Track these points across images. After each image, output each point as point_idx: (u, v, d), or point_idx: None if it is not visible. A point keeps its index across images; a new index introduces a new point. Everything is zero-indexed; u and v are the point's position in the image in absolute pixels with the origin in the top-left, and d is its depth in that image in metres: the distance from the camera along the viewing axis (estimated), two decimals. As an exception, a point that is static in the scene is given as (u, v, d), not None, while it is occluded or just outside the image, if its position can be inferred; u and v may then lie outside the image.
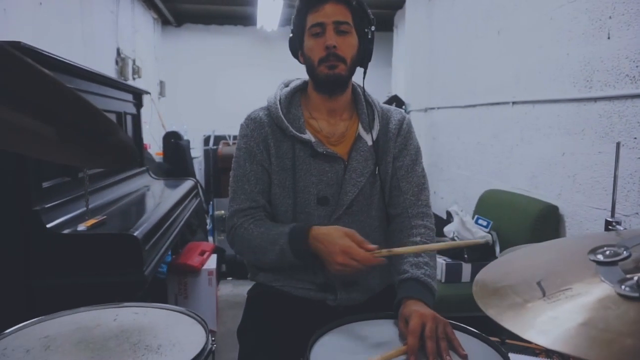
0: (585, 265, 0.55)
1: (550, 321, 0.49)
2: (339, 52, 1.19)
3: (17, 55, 0.56)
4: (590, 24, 2.13)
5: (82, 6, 3.38)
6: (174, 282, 2.72)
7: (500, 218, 2.57)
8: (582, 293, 0.51)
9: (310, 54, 1.23)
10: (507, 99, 2.88)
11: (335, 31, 1.19)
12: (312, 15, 1.21)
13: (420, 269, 1.16)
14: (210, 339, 1.01)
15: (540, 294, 0.53)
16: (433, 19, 4.33)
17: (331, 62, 1.20)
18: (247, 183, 1.26)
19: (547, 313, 0.51)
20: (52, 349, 0.97)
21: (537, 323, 0.50)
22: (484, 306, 0.56)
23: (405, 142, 1.32)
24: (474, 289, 0.65)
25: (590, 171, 2.13)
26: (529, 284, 0.56)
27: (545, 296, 0.53)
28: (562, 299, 0.51)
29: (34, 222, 1.49)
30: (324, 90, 1.26)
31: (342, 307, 1.27)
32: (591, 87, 2.13)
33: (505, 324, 0.51)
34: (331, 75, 1.21)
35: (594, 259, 0.55)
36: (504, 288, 0.58)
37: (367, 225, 1.29)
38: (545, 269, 0.62)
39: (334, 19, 1.19)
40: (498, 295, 0.57)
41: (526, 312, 0.52)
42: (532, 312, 0.52)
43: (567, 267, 0.59)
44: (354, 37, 1.22)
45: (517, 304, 0.54)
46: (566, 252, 0.68)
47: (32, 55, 1.50)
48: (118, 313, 1.15)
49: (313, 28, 1.20)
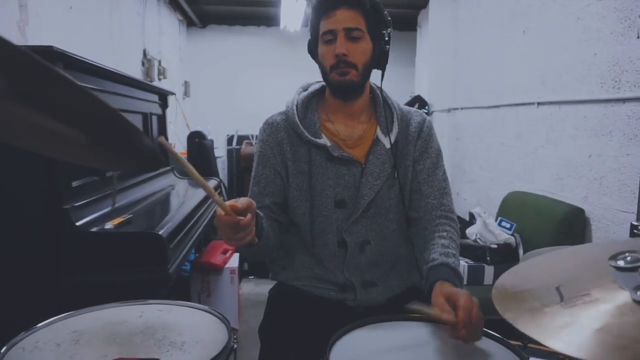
0: (605, 271, 0.55)
1: (566, 326, 0.49)
2: (349, 58, 1.19)
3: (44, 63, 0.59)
4: (619, 23, 2.08)
5: (111, 9, 3.46)
6: (197, 280, 2.77)
7: (524, 220, 2.54)
8: (600, 299, 0.51)
9: (323, 60, 1.24)
10: (532, 99, 2.83)
11: (346, 38, 1.19)
12: (324, 21, 1.21)
13: (449, 257, 1.16)
14: (232, 337, 1.03)
15: (558, 299, 0.53)
16: (458, 18, 4.29)
17: (342, 68, 1.20)
18: (257, 185, 1.29)
19: (563, 318, 0.51)
20: (81, 343, 1.01)
21: (553, 327, 0.50)
22: (502, 309, 0.56)
23: (426, 145, 1.31)
24: (494, 292, 0.66)
25: (617, 173, 2.08)
26: (548, 288, 0.56)
27: (563, 301, 0.53)
28: (579, 304, 0.51)
29: (64, 221, 1.54)
30: (338, 96, 1.27)
31: (362, 307, 1.28)
32: (619, 88, 2.08)
33: (522, 327, 0.51)
34: (342, 82, 1.21)
35: (614, 264, 0.55)
36: (522, 292, 0.58)
37: (385, 228, 1.29)
38: (566, 274, 0.62)
39: (345, 25, 1.18)
40: (517, 299, 0.58)
41: (543, 317, 0.52)
42: (549, 316, 0.52)
43: (587, 272, 0.59)
44: (366, 42, 1.21)
45: (534, 308, 0.54)
46: (588, 257, 0.68)
47: (63, 58, 1.55)
48: (143, 310, 1.18)
49: (325, 35, 1.21)
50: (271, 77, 6.40)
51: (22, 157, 1.54)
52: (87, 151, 0.78)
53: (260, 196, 1.28)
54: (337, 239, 1.27)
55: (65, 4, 2.70)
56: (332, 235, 1.27)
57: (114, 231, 1.61)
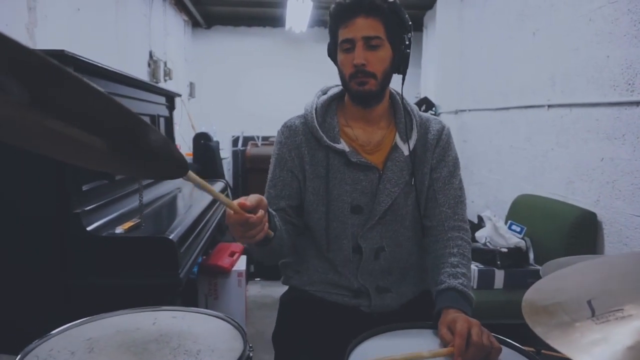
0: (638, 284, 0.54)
1: (597, 343, 0.48)
2: (368, 68, 1.17)
3: (64, 69, 0.57)
4: (632, 25, 2.06)
5: (117, 11, 3.46)
6: (205, 283, 2.75)
7: (535, 224, 2.51)
8: (634, 315, 0.50)
9: (342, 68, 1.22)
10: (542, 102, 2.81)
11: (365, 47, 1.16)
12: (343, 30, 1.19)
13: (457, 279, 1.15)
14: (247, 345, 1.02)
15: (589, 314, 0.52)
16: (464, 19, 4.27)
17: (360, 78, 1.18)
18: (273, 188, 1.28)
19: (594, 334, 0.49)
20: (95, 351, 0.99)
21: (583, 344, 0.49)
22: (532, 324, 0.55)
23: (443, 153, 1.30)
24: (523, 305, 0.64)
25: (631, 177, 2.06)
26: (580, 302, 0.55)
27: (595, 316, 0.51)
28: (611, 320, 0.50)
29: (74, 225, 1.53)
30: (358, 103, 1.26)
31: (376, 313, 1.27)
32: (633, 91, 2.06)
33: (552, 342, 0.50)
34: (361, 92, 1.20)
35: (651, 279, 0.53)
36: (553, 305, 0.57)
37: (401, 235, 1.28)
38: (598, 287, 0.60)
39: (364, 34, 1.16)
40: (547, 313, 0.56)
41: (574, 332, 0.51)
42: (580, 332, 0.50)
43: (620, 286, 0.58)
44: (385, 50, 1.19)
45: (565, 322, 0.53)
46: (621, 269, 0.66)
47: (74, 62, 1.54)
48: (156, 317, 1.16)
49: (343, 43, 1.19)
50: (276, 78, 6.39)
51: (33, 161, 1.53)
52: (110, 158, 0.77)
53: (277, 199, 1.27)
54: (352, 244, 1.26)
55: (72, 6, 2.69)
56: (347, 241, 1.26)
57: (125, 236, 1.60)
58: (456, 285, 1.13)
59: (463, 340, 0.95)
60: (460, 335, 0.96)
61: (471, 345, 0.95)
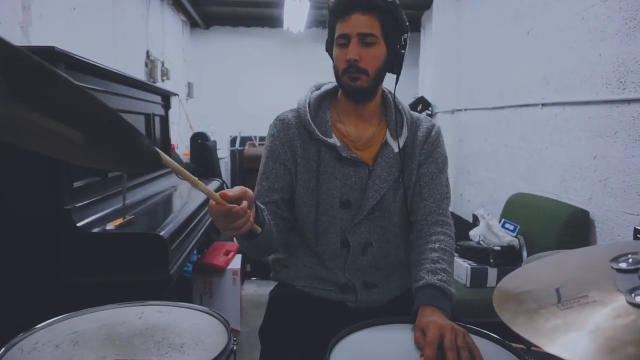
0: (606, 273, 0.54)
1: (559, 328, 0.48)
2: (361, 64, 1.18)
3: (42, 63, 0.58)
4: (624, 24, 2.07)
5: (114, 10, 3.47)
6: (199, 282, 2.76)
7: (528, 222, 2.52)
8: (598, 301, 0.50)
9: (336, 63, 1.23)
10: (537, 100, 2.82)
11: (360, 43, 1.17)
12: (339, 24, 1.20)
13: (436, 275, 1.14)
14: (232, 339, 1.02)
15: (555, 301, 0.52)
16: (461, 19, 4.28)
17: (352, 74, 1.19)
18: (266, 180, 1.28)
19: (557, 320, 0.50)
20: (80, 344, 1.00)
21: (546, 329, 0.49)
22: (500, 311, 0.55)
23: (432, 150, 1.31)
24: (495, 294, 0.65)
25: (622, 175, 2.06)
26: (548, 290, 0.56)
27: (560, 303, 0.52)
28: (575, 306, 0.50)
29: (65, 221, 1.53)
30: (350, 98, 1.27)
31: (363, 308, 1.27)
32: (624, 89, 2.06)
33: (516, 328, 0.51)
34: (352, 87, 1.21)
35: (615, 266, 0.54)
36: (522, 294, 0.58)
37: (389, 232, 1.29)
38: (567, 276, 0.61)
39: (359, 30, 1.17)
40: (516, 300, 0.57)
41: (538, 318, 0.51)
42: (544, 318, 0.51)
43: (588, 275, 0.58)
44: (379, 48, 1.20)
45: (531, 309, 0.53)
46: (591, 259, 0.67)
47: (65, 59, 1.55)
48: (143, 311, 1.17)
49: (339, 38, 1.20)
50: (275, 78, 6.41)
51: (23, 157, 1.54)
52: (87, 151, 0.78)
53: (270, 191, 1.27)
54: (340, 239, 1.27)
55: (68, 5, 2.70)
56: (335, 235, 1.27)
57: (115, 232, 1.60)
58: (434, 282, 1.13)
59: (433, 351, 0.92)
60: (430, 344, 0.94)
61: (446, 351, 0.92)
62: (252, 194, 0.98)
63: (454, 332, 0.97)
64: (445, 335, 0.96)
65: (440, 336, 0.96)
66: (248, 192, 0.97)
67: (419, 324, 1.04)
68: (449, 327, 0.98)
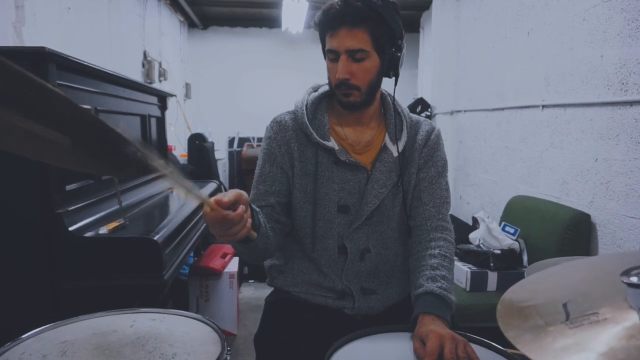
0: (616, 287, 0.51)
1: (568, 348, 0.45)
2: (352, 81, 1.15)
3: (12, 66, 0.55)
4: (626, 25, 2.04)
5: (110, 10, 3.44)
6: (196, 285, 2.73)
7: (529, 225, 2.49)
8: (609, 319, 0.47)
9: (329, 75, 1.20)
10: (537, 102, 2.79)
11: (349, 59, 1.13)
12: (329, 38, 1.16)
13: (436, 282, 1.12)
14: (225, 349, 0.99)
15: (563, 318, 0.49)
16: (460, 19, 4.25)
17: (344, 90, 1.16)
18: (263, 183, 1.25)
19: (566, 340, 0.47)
20: (68, 355, 0.97)
21: (554, 349, 0.46)
22: (504, 327, 0.52)
23: (431, 153, 1.28)
24: (498, 308, 0.62)
25: (625, 178, 2.03)
26: (555, 305, 0.52)
27: (569, 320, 0.48)
28: (585, 324, 0.47)
29: (57, 225, 1.50)
30: (345, 110, 1.23)
31: (360, 316, 1.24)
32: (627, 90, 2.03)
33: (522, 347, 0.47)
34: (345, 102, 1.19)
35: (626, 281, 0.50)
36: (528, 308, 0.54)
37: (387, 237, 1.26)
38: (575, 289, 0.57)
39: (347, 47, 1.12)
40: (522, 315, 0.54)
41: (546, 337, 0.48)
42: (552, 336, 0.48)
43: (598, 288, 0.55)
44: (372, 61, 1.15)
45: (538, 326, 0.50)
46: (600, 271, 0.63)
47: (56, 60, 1.51)
48: (135, 319, 1.14)
49: (329, 53, 1.17)
50: (273, 79, 6.38)
51: (15, 160, 1.50)
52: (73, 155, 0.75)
53: (266, 195, 1.24)
54: (337, 244, 1.24)
55: (62, 5, 2.67)
56: (332, 241, 1.24)
57: (108, 236, 1.57)
58: (434, 289, 1.10)
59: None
60: (430, 354, 0.91)
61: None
62: (247, 198, 0.95)
63: (454, 341, 0.94)
64: (445, 345, 0.93)
65: (440, 346, 0.93)
66: (243, 196, 0.93)
67: (418, 333, 1.01)
68: (449, 336, 0.95)
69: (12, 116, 0.62)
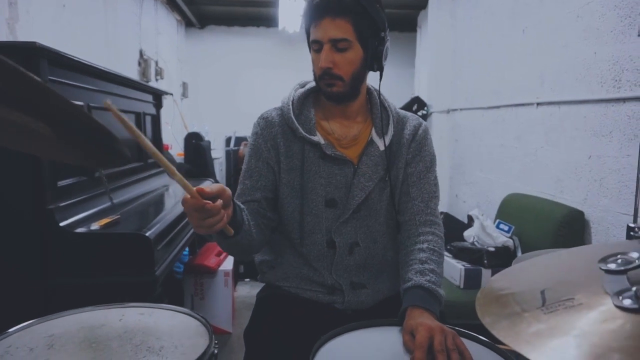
0: (594, 275, 0.51)
1: (541, 333, 0.45)
2: (335, 71, 1.16)
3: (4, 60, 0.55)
4: (619, 21, 2.04)
5: (106, 8, 3.43)
6: (190, 283, 2.72)
7: (523, 223, 2.49)
8: (584, 304, 0.47)
9: (313, 67, 1.21)
10: (532, 100, 2.79)
11: (332, 49, 1.15)
12: (312, 29, 1.17)
13: (425, 276, 1.11)
14: (213, 342, 0.99)
15: (539, 304, 0.49)
16: (456, 18, 4.25)
17: (327, 80, 1.17)
18: (249, 179, 1.25)
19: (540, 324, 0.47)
20: (55, 348, 0.97)
21: (528, 334, 0.46)
22: (482, 314, 0.52)
23: (419, 148, 1.28)
24: (478, 296, 0.62)
25: (618, 175, 2.04)
26: (533, 293, 0.52)
27: (544, 306, 0.49)
28: (560, 309, 0.47)
29: (48, 221, 1.50)
30: (330, 101, 1.24)
31: (350, 310, 1.24)
32: (620, 87, 2.04)
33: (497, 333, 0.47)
34: (329, 93, 1.20)
35: (604, 267, 0.50)
36: (506, 296, 0.55)
37: (375, 231, 1.26)
38: (554, 277, 0.58)
39: (330, 36, 1.13)
40: (499, 303, 0.54)
41: (521, 322, 0.48)
42: (527, 322, 0.48)
43: (576, 276, 0.55)
44: (354, 51, 1.16)
45: (515, 313, 0.50)
46: (581, 259, 0.64)
47: (48, 55, 1.51)
48: (124, 313, 1.14)
49: (313, 44, 1.18)
50: (270, 78, 6.37)
51: (7, 155, 1.50)
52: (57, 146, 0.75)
53: (253, 190, 1.24)
54: (325, 239, 1.24)
55: (57, 2, 2.67)
56: (320, 235, 1.24)
57: (99, 232, 1.57)
58: (423, 283, 1.10)
59: (423, 353, 0.90)
60: (420, 347, 0.91)
61: (436, 354, 0.90)
62: (230, 194, 0.96)
63: (443, 333, 0.94)
64: (434, 337, 0.93)
65: (429, 338, 0.93)
66: (226, 192, 0.94)
67: (407, 326, 1.01)
68: (438, 328, 0.95)
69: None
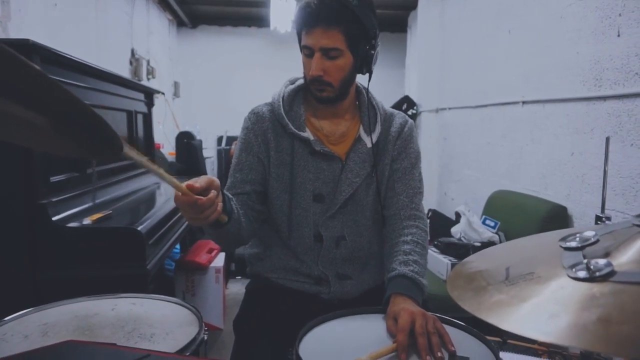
0: (555, 252, 0.56)
1: (503, 301, 0.50)
2: (325, 78, 1.19)
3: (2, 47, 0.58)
4: (600, 22, 2.10)
5: (97, 8, 3.45)
6: (182, 279, 2.75)
7: (509, 219, 2.55)
8: (542, 277, 0.52)
9: (304, 69, 1.24)
10: (517, 98, 2.85)
11: (323, 56, 1.18)
12: (304, 35, 1.20)
13: (408, 266, 1.15)
14: (203, 329, 1.02)
15: (503, 278, 0.54)
16: (445, 19, 4.31)
17: (317, 86, 1.21)
18: (239, 172, 1.28)
19: (502, 294, 0.51)
20: (49, 335, 1.00)
21: (490, 303, 0.50)
22: (450, 289, 0.56)
23: (405, 145, 1.32)
24: (450, 275, 0.66)
25: (599, 171, 2.09)
26: (499, 270, 0.57)
27: (507, 279, 0.53)
28: (521, 282, 0.52)
29: (40, 215, 1.53)
30: (320, 104, 1.27)
31: (336, 300, 1.28)
32: (600, 86, 2.10)
33: (463, 303, 0.52)
34: (319, 97, 1.23)
35: (563, 245, 0.55)
36: (474, 273, 0.59)
37: (361, 225, 1.30)
38: (520, 256, 0.62)
39: (322, 45, 1.16)
40: (468, 279, 0.58)
41: (485, 294, 0.53)
42: (489, 293, 0.52)
43: (539, 254, 0.60)
44: (345, 59, 1.19)
45: (480, 287, 0.55)
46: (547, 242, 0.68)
47: (41, 52, 1.54)
48: (116, 303, 1.17)
49: (304, 49, 1.21)
50: (262, 78, 6.38)
51: (0, 152, 1.53)
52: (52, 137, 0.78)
53: (242, 183, 1.27)
54: (313, 232, 1.27)
55: (49, 1, 2.68)
56: (308, 229, 1.27)
57: (91, 226, 1.60)
58: (406, 272, 1.14)
59: (405, 337, 0.93)
60: (402, 330, 0.95)
61: (417, 337, 0.94)
62: (218, 184, 0.98)
63: (424, 318, 0.98)
64: (416, 321, 0.97)
65: (411, 322, 0.96)
66: (215, 182, 0.97)
67: (390, 312, 1.05)
68: (419, 313, 0.99)
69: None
